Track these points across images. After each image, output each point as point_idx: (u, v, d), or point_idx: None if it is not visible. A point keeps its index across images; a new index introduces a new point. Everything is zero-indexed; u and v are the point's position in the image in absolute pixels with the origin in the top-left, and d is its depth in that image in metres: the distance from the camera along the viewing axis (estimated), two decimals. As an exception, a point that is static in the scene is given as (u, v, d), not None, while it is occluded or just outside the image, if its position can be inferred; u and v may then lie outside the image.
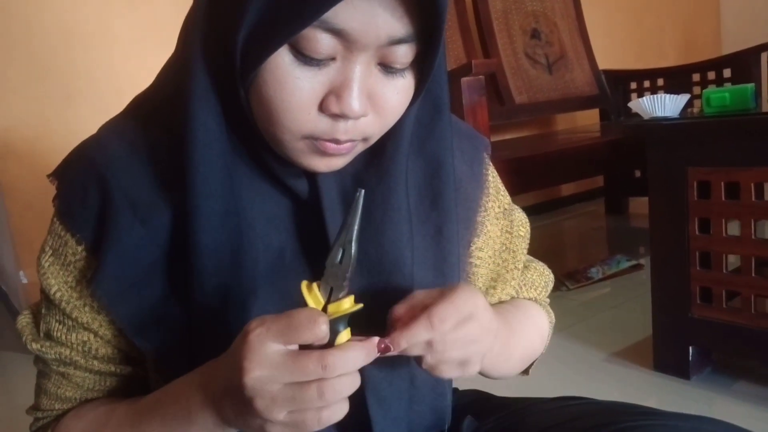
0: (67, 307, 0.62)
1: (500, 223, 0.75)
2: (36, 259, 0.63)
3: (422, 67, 0.56)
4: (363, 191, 0.51)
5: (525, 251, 0.79)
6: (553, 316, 0.83)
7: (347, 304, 0.51)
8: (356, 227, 0.51)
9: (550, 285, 0.84)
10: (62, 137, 2.20)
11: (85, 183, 0.59)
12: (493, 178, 0.76)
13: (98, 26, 2.29)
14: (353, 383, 0.49)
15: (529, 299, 0.80)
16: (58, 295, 0.61)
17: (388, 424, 0.63)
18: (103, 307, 0.60)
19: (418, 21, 0.51)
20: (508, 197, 0.78)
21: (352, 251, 0.51)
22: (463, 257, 0.70)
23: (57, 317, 0.63)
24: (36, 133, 2.20)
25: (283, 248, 0.61)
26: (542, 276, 0.82)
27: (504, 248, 0.76)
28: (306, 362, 0.46)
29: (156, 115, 0.61)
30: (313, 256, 0.62)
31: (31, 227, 2.16)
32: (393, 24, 0.50)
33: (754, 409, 1.44)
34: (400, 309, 0.56)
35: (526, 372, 0.81)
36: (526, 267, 0.81)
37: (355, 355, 0.49)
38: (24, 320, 0.67)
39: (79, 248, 0.60)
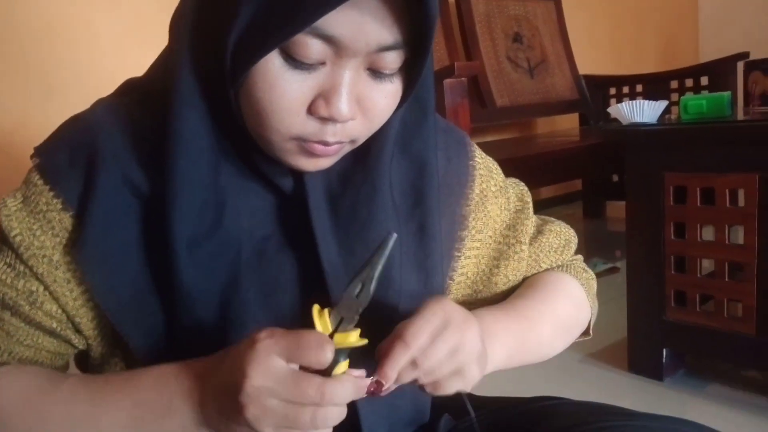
0: (26, 253, 0.59)
1: (499, 201, 0.75)
2: None
3: (410, 72, 0.56)
4: (395, 235, 0.53)
5: (530, 222, 0.77)
6: (590, 272, 0.81)
7: (353, 338, 0.52)
8: (380, 267, 0.52)
9: (573, 241, 0.82)
10: (42, 131, 2.15)
11: (76, 143, 0.59)
12: (483, 159, 0.76)
13: (81, 21, 2.27)
14: (341, 415, 0.50)
15: (551, 267, 0.79)
16: (18, 239, 0.59)
17: (374, 417, 0.63)
18: (78, 273, 0.59)
19: (407, 28, 0.52)
20: (502, 174, 0.78)
21: (371, 289, 0.52)
22: (447, 253, 0.70)
23: (7, 260, 0.60)
24: (15, 126, 2.17)
25: (267, 240, 0.62)
26: (559, 235, 0.80)
27: (505, 225, 0.75)
28: (307, 386, 0.48)
29: (145, 101, 0.61)
30: (296, 249, 0.62)
31: (8, 221, 2.13)
32: (382, 32, 0.51)
33: (726, 411, 1.47)
34: (384, 344, 0.55)
35: (586, 334, 0.82)
36: (540, 232, 0.79)
37: (350, 388, 0.50)
38: None
39: (55, 201, 0.59)
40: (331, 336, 0.51)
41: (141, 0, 2.36)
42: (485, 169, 0.75)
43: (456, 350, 0.55)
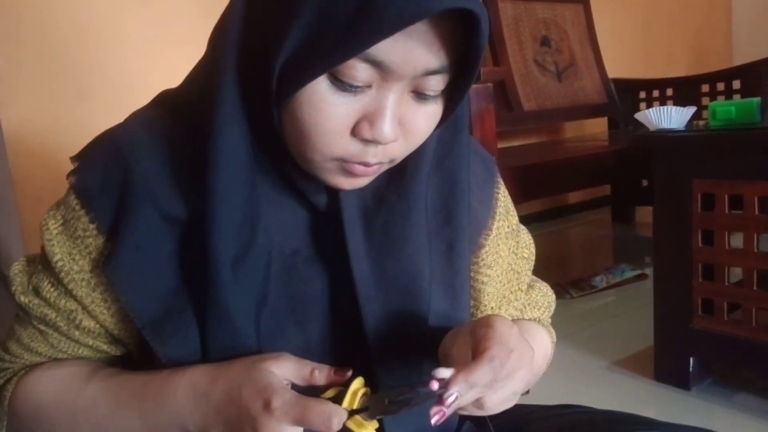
0: (66, 278, 0.62)
1: (508, 243, 0.75)
2: (40, 223, 0.64)
3: (453, 93, 0.57)
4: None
5: (529, 273, 0.79)
6: (554, 335, 0.83)
7: (368, 429, 0.54)
8: (417, 406, 0.52)
9: (553, 305, 0.84)
10: (73, 134, 2.22)
11: (108, 166, 0.60)
12: (504, 198, 0.76)
13: (111, 23, 2.32)
14: None
15: (533, 319, 0.81)
16: (60, 264, 0.62)
17: (400, 430, 0.63)
18: (113, 292, 0.61)
19: (453, 52, 0.53)
20: (516, 217, 0.78)
21: (399, 412, 0.52)
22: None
23: (51, 280, 0.64)
24: (48, 129, 2.22)
25: (296, 254, 0.63)
26: (546, 296, 0.82)
27: (509, 269, 0.76)
28: None
29: (181, 113, 0.62)
30: (325, 264, 0.63)
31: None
32: (430, 57, 0.51)
33: (754, 422, 1.44)
34: (455, 352, 0.56)
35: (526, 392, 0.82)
36: (530, 287, 0.81)
37: None
38: (17, 268, 0.67)
39: (91, 226, 0.61)
40: (351, 414, 0.53)
41: (172, 1, 2.40)
42: (504, 208, 0.75)
43: (519, 375, 0.55)
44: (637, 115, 1.69)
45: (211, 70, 0.58)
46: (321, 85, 0.51)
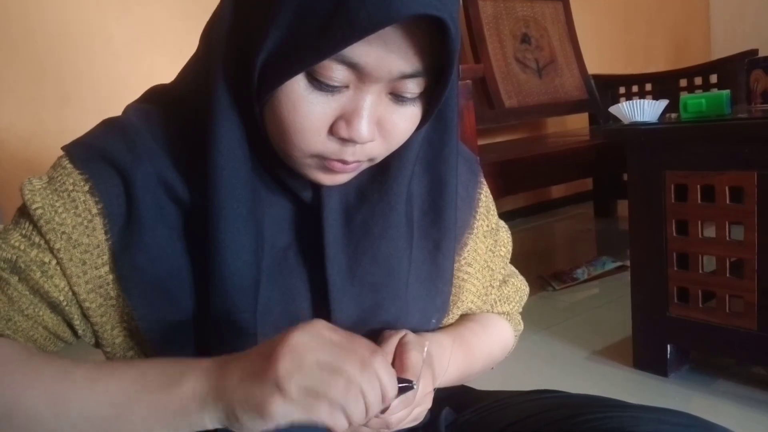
0: (45, 226, 0.60)
1: (486, 242, 0.77)
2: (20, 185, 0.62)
3: (431, 97, 0.58)
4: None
5: (503, 269, 0.82)
6: (522, 325, 0.87)
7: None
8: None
9: (525, 298, 0.86)
10: (56, 137, 2.21)
11: (111, 140, 0.61)
12: (486, 198, 0.78)
13: (94, 28, 2.32)
14: (375, 402, 0.51)
15: (502, 313, 0.83)
16: (39, 212, 0.60)
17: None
18: (96, 257, 0.61)
19: (429, 57, 0.54)
20: (496, 216, 0.81)
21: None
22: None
23: (24, 232, 0.61)
24: (31, 132, 2.22)
25: (287, 248, 0.64)
26: (518, 291, 0.84)
27: (485, 266, 0.78)
28: (355, 348, 0.51)
29: (175, 108, 0.63)
30: (312, 256, 0.64)
31: (26, 226, 2.19)
32: (404, 62, 0.53)
33: (732, 407, 1.48)
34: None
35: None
36: (504, 282, 0.83)
37: (392, 376, 0.53)
38: None
39: (83, 183, 0.60)
40: None
41: (152, 7, 2.41)
42: (485, 207, 0.78)
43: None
44: (611, 109, 1.72)
45: (202, 67, 0.59)
46: (299, 83, 0.53)
